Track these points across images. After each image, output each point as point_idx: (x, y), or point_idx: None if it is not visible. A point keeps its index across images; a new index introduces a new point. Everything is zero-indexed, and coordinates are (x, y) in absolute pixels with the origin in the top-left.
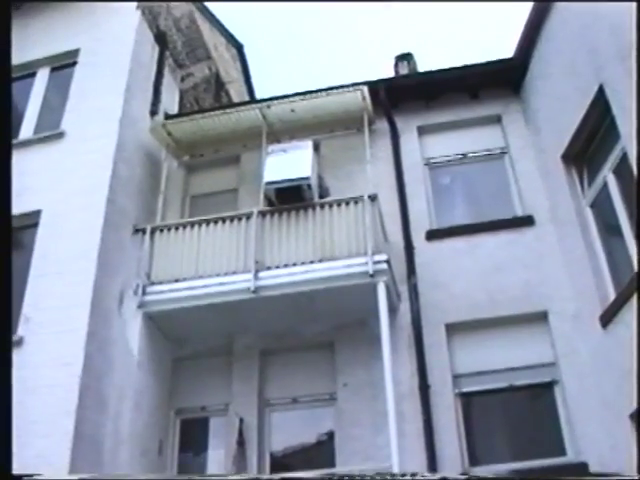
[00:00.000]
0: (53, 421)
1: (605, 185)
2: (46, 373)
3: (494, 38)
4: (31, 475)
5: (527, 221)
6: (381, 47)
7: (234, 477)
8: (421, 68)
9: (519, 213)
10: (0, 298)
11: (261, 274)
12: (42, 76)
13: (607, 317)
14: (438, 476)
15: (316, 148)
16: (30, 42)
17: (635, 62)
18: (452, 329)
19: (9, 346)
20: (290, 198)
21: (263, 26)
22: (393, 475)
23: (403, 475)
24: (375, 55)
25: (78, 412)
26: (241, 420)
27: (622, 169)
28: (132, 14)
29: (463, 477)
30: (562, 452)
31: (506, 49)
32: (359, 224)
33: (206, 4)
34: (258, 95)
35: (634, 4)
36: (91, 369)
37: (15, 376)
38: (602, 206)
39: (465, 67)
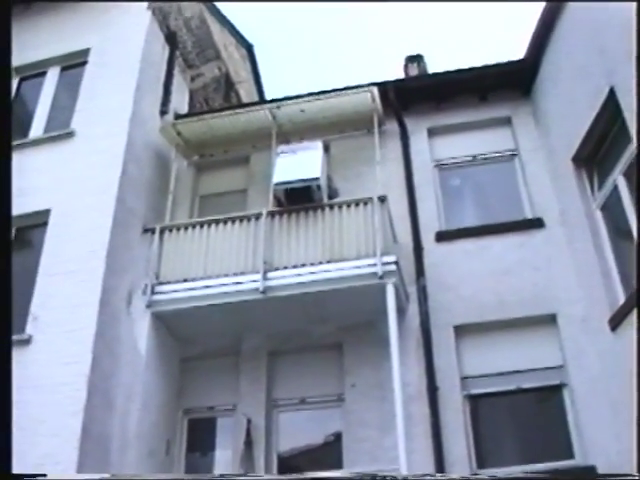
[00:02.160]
0: (61, 420)
1: (615, 188)
2: (54, 372)
3: (505, 40)
4: (31, 475)
5: (537, 223)
6: (391, 48)
7: (239, 477)
8: (431, 69)
9: (529, 215)
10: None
11: (270, 275)
12: (52, 75)
13: (616, 320)
14: (445, 477)
15: (326, 149)
16: (41, 41)
17: (636, 61)
18: (461, 331)
19: (9, 347)
20: (299, 199)
21: (273, 26)
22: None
23: (414, 476)
24: (385, 56)
25: (86, 411)
26: (249, 420)
27: (633, 172)
28: (143, 14)
29: (473, 477)
30: (570, 455)
31: (517, 51)
32: (368, 225)
33: (216, 4)
34: (268, 95)
35: (634, 4)
36: (99, 368)
37: (23, 375)
38: (612, 209)
39: (475, 69)
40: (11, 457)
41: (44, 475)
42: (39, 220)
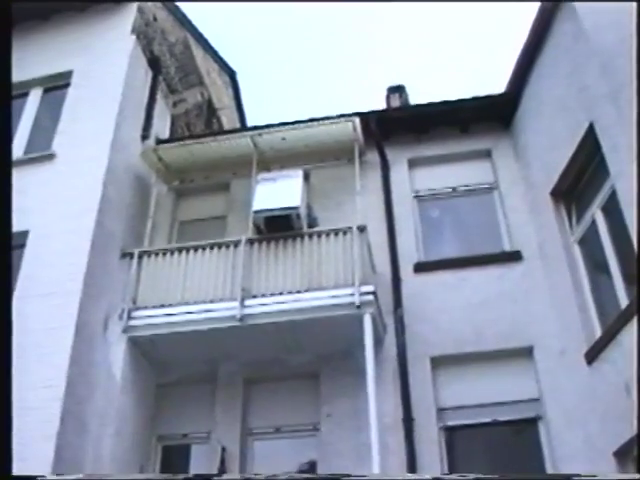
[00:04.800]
0: (33, 445)
1: (593, 222)
2: (28, 396)
3: (487, 72)
4: (30, 476)
5: (515, 256)
6: (374, 78)
7: (231, 476)
8: (413, 100)
9: (507, 248)
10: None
11: (247, 302)
12: (34, 96)
13: (593, 354)
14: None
15: (306, 178)
16: (23, 62)
17: (635, 67)
18: (437, 362)
19: (9, 342)
20: (279, 227)
21: (257, 54)
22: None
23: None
24: (367, 86)
25: (59, 436)
26: (223, 448)
27: (611, 206)
28: (127, 38)
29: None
30: None
31: (498, 83)
32: (347, 255)
33: (201, 32)
34: (249, 123)
35: (634, 4)
36: (73, 393)
37: None
38: (590, 243)
39: (456, 101)
40: (11, 459)
41: (43, 476)
42: (17, 241)
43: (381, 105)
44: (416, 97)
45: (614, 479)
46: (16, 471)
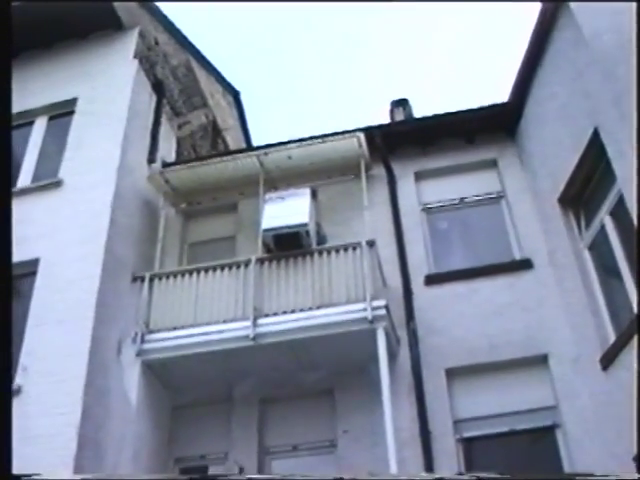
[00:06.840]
0: (51, 471)
1: (602, 227)
2: (44, 423)
3: (489, 82)
4: (30, 475)
5: (525, 264)
6: (377, 92)
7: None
8: (417, 113)
9: (517, 257)
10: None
11: (260, 321)
12: (40, 125)
13: (607, 359)
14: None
15: (314, 195)
16: (28, 91)
17: (636, 68)
18: (452, 374)
19: (9, 338)
20: (288, 245)
21: (259, 72)
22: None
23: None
24: (371, 101)
25: (76, 462)
26: (241, 469)
27: (619, 211)
28: (129, 63)
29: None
30: None
31: (501, 93)
32: (357, 270)
33: (203, 53)
34: (254, 142)
35: (634, 4)
36: (89, 418)
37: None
38: (600, 248)
39: (460, 112)
40: (11, 458)
41: (40, 474)
42: (28, 269)
43: (385, 119)
44: (420, 110)
45: (613, 479)
46: None
